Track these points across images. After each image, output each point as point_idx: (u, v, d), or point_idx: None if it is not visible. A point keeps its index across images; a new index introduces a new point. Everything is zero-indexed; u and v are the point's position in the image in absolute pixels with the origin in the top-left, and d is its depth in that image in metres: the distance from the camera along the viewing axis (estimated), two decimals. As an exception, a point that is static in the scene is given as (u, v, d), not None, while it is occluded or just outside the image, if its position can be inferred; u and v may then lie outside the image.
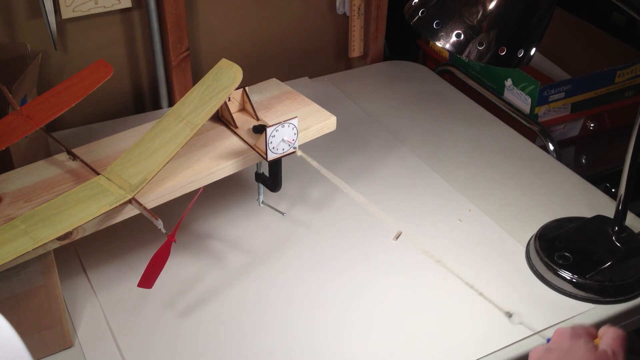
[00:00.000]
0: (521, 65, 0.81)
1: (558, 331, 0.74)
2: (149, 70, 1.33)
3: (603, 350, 0.69)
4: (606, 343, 0.70)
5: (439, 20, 0.80)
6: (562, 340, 0.72)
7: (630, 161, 0.92)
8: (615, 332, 0.71)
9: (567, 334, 0.72)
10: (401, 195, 1.12)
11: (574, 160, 1.36)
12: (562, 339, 0.72)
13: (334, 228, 1.06)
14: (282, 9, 1.40)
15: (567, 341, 0.71)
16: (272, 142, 0.91)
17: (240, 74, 0.96)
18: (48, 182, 0.88)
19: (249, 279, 0.97)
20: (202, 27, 1.34)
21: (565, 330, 0.73)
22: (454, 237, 1.04)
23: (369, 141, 1.25)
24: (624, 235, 0.98)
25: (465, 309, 0.92)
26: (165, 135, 0.90)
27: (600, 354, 0.69)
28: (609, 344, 0.70)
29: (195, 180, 0.91)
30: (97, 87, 0.95)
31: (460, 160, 1.21)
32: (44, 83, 1.17)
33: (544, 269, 0.97)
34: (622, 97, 1.39)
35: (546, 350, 0.72)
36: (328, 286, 0.96)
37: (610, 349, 0.69)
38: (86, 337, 0.88)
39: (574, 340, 0.71)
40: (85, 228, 0.81)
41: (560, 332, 0.73)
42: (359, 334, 0.89)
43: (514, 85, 1.34)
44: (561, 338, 0.72)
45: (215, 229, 1.05)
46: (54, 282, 0.82)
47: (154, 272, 0.82)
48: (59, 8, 1.17)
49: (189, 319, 0.91)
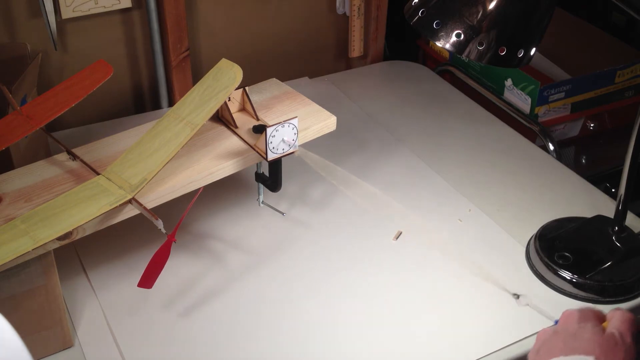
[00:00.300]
0: (521, 65, 0.81)
1: (565, 313, 0.72)
2: (149, 70, 1.33)
3: (611, 333, 0.68)
4: (614, 326, 0.69)
5: (439, 20, 0.80)
6: (570, 323, 0.70)
7: (630, 161, 0.92)
8: (624, 315, 0.70)
9: (574, 317, 0.71)
10: (401, 195, 1.12)
11: (574, 160, 1.36)
12: (570, 322, 0.71)
13: (334, 228, 1.06)
14: (282, 9, 1.40)
15: (574, 324, 0.70)
16: (272, 142, 0.91)
17: (240, 74, 0.96)
18: (48, 182, 0.88)
19: (248, 279, 0.97)
20: (202, 27, 1.34)
21: (572, 313, 0.72)
22: (454, 237, 1.04)
23: (369, 141, 1.25)
24: (624, 235, 0.98)
25: (466, 308, 0.92)
26: (165, 135, 0.90)
27: (607, 336, 0.67)
28: (616, 326, 0.68)
29: (195, 180, 0.91)
30: (97, 87, 0.95)
31: (460, 160, 1.21)
32: (44, 83, 1.17)
33: (544, 269, 0.97)
34: (622, 97, 1.38)
35: (553, 333, 0.70)
36: (328, 286, 0.96)
37: (618, 332, 0.68)
38: (86, 337, 0.88)
39: (582, 323, 0.69)
40: (85, 228, 0.81)
41: (568, 314, 0.72)
42: (359, 333, 0.89)
43: (514, 85, 1.34)
44: (568, 320, 0.71)
45: (215, 229, 1.05)
46: (54, 282, 0.82)
47: (154, 272, 0.82)
48: (59, 8, 1.17)
49: (189, 319, 0.91)
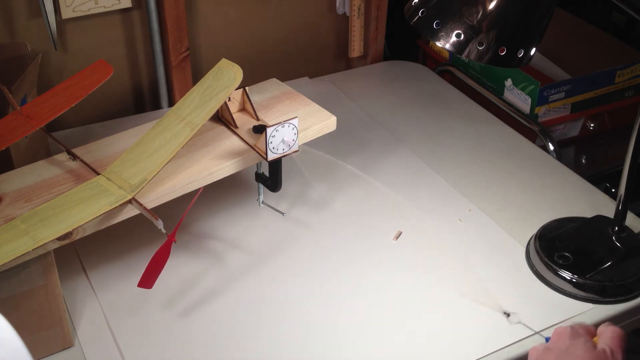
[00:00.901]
0: (521, 65, 0.81)
1: (557, 330, 0.74)
2: (149, 70, 1.33)
3: (602, 349, 0.69)
4: (604, 342, 0.70)
5: (439, 20, 0.80)
6: (561, 340, 0.72)
7: (630, 161, 0.92)
8: (614, 331, 0.71)
9: (566, 333, 0.72)
10: (401, 195, 1.12)
11: (574, 160, 1.36)
12: (561, 338, 0.72)
13: (334, 228, 1.06)
14: (282, 9, 1.40)
15: (566, 340, 0.71)
16: (272, 142, 0.91)
17: (241, 74, 0.96)
18: (48, 182, 0.88)
19: (248, 279, 0.97)
20: (202, 27, 1.34)
21: (564, 330, 0.73)
22: (454, 237, 1.04)
23: (369, 141, 1.25)
24: (624, 235, 0.98)
25: (466, 308, 0.92)
26: (165, 135, 0.90)
27: (598, 353, 0.69)
28: (607, 343, 0.70)
29: (195, 181, 0.91)
30: (97, 87, 0.95)
31: (460, 160, 1.21)
32: (44, 83, 1.17)
33: (544, 269, 0.97)
34: (622, 97, 1.38)
35: (545, 350, 0.72)
36: (328, 286, 0.96)
37: (609, 348, 0.69)
38: (86, 337, 0.88)
39: (573, 340, 0.71)
40: (85, 228, 0.81)
41: (559, 331, 0.73)
42: (359, 333, 0.89)
43: (514, 85, 1.34)
44: (560, 337, 0.72)
45: (215, 229, 1.05)
46: (54, 282, 0.82)
47: (154, 272, 0.82)
48: (59, 8, 1.17)
49: (189, 319, 0.91)
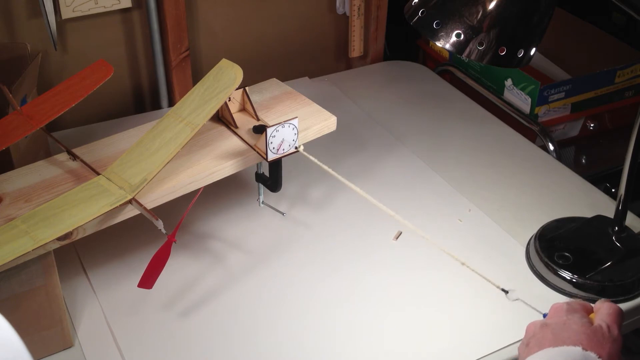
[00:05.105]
0: (521, 65, 0.81)
1: (554, 306, 0.74)
2: (149, 70, 1.33)
3: (598, 325, 0.70)
4: (601, 318, 0.71)
5: (439, 20, 0.80)
6: (558, 315, 0.72)
7: (630, 161, 0.92)
8: (610, 307, 0.72)
9: (562, 309, 0.73)
10: (401, 195, 1.12)
11: (574, 160, 1.36)
12: (558, 314, 0.73)
13: (334, 228, 1.06)
14: (282, 9, 1.40)
15: (562, 316, 0.72)
16: (272, 142, 0.91)
17: (241, 74, 0.96)
18: (48, 182, 0.88)
19: (249, 279, 0.97)
20: (202, 27, 1.34)
21: (561, 306, 0.74)
22: (454, 237, 1.04)
23: (369, 141, 1.25)
24: (624, 235, 0.98)
25: (466, 308, 0.92)
26: (165, 135, 0.90)
27: (595, 328, 0.69)
28: (603, 318, 0.71)
29: (196, 181, 0.91)
30: (97, 87, 0.95)
31: (460, 160, 1.21)
32: (44, 83, 1.17)
33: (544, 269, 0.97)
34: (622, 97, 1.39)
35: (542, 325, 0.72)
36: (328, 286, 0.96)
37: (605, 324, 0.70)
38: (86, 337, 0.88)
39: (570, 315, 0.71)
40: (85, 228, 0.81)
41: (557, 307, 0.74)
42: (359, 333, 0.89)
43: (514, 85, 1.34)
44: (557, 313, 0.73)
45: (215, 229, 1.05)
46: (54, 282, 0.82)
47: (154, 272, 0.82)
48: (59, 8, 1.17)
49: (189, 319, 0.91)
